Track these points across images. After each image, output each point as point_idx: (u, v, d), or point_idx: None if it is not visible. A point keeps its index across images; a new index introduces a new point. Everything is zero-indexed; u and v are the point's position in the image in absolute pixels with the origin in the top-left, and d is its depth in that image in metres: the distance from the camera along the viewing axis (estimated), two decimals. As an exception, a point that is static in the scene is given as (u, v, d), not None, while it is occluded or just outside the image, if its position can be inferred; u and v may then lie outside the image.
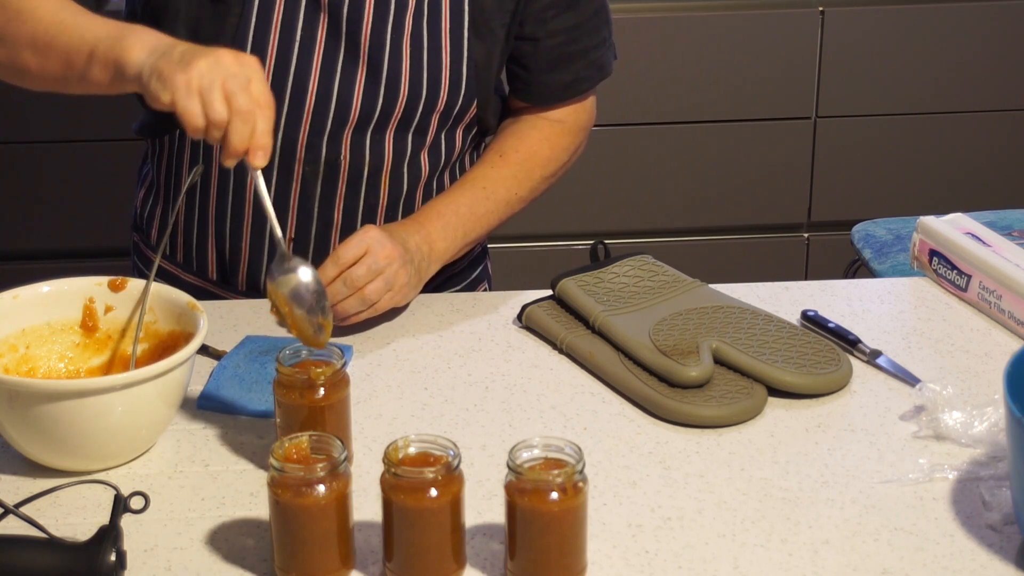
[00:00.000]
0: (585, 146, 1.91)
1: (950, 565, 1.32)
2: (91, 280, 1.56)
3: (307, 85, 1.71)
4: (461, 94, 1.76)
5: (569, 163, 1.89)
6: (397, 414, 1.56)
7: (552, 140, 1.85)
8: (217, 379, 1.59)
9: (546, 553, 1.26)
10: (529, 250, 3.15)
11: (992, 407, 1.50)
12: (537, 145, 1.84)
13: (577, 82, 1.83)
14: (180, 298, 1.52)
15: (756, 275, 2.66)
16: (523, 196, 1.83)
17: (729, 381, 1.57)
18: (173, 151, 1.80)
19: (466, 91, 1.76)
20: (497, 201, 1.80)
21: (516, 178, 1.82)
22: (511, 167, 1.81)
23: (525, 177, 1.82)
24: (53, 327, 1.54)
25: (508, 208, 1.82)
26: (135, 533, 1.35)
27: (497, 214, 1.81)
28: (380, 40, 1.71)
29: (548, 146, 1.84)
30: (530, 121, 1.85)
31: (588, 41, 1.81)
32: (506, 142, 1.83)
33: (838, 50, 3.05)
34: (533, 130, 1.84)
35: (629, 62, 3.03)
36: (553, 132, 1.85)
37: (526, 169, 1.82)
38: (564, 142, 1.86)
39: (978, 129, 3.16)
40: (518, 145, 1.83)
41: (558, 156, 1.86)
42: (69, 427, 1.39)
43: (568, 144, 1.87)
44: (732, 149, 3.12)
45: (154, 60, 1.42)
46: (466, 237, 1.78)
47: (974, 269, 1.76)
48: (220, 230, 1.80)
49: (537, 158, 1.83)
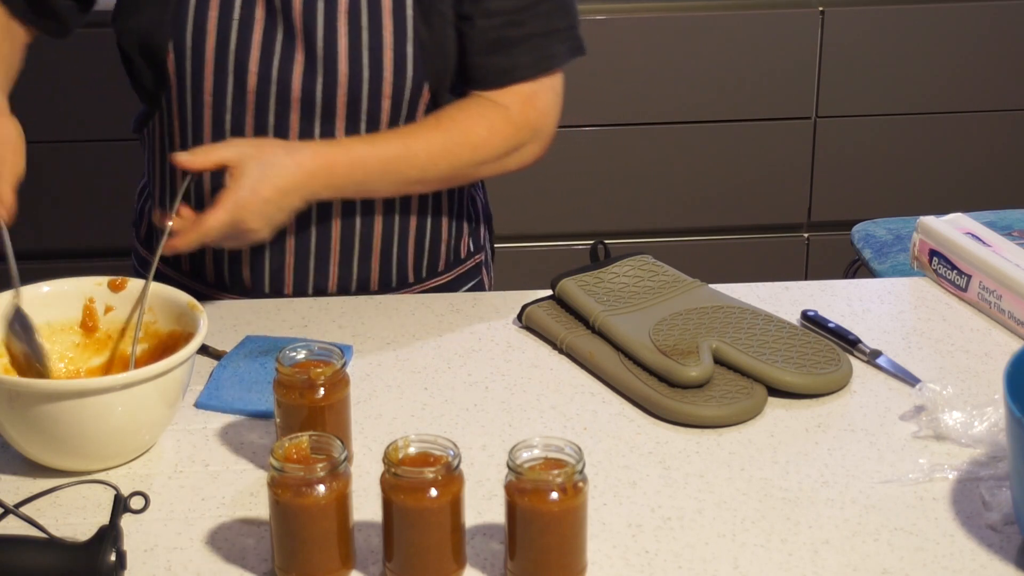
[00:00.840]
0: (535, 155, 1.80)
1: (950, 565, 1.32)
2: (91, 280, 1.56)
3: (247, 65, 1.71)
4: (408, 77, 1.72)
5: (509, 160, 1.78)
6: (397, 414, 1.56)
7: (491, 121, 1.76)
8: (217, 379, 1.60)
9: (546, 553, 1.26)
10: (529, 250, 3.16)
11: (992, 407, 1.50)
12: (475, 122, 1.75)
13: (516, 69, 1.75)
14: (180, 298, 1.52)
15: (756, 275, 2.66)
16: (443, 171, 1.74)
17: (729, 381, 1.57)
18: (160, 140, 1.81)
19: (413, 73, 1.72)
20: (413, 166, 1.72)
21: (444, 150, 1.73)
22: (442, 135, 1.73)
23: (453, 152, 1.73)
24: (53, 327, 1.54)
25: (422, 176, 1.73)
26: (135, 533, 1.35)
27: (408, 179, 1.73)
28: (312, 16, 1.69)
29: (486, 127, 1.75)
30: (476, 99, 1.77)
31: (534, 27, 1.74)
32: (446, 111, 1.76)
33: (838, 50, 3.05)
34: (475, 106, 1.76)
35: (629, 62, 3.03)
36: (496, 115, 1.76)
37: (456, 144, 1.73)
38: (505, 130, 1.76)
39: (978, 129, 3.16)
40: (456, 115, 1.75)
41: (494, 144, 1.76)
42: (69, 427, 1.39)
43: (508, 135, 1.76)
44: (732, 149, 3.12)
45: None
46: (364, 186, 1.72)
47: (974, 269, 1.76)
48: None
49: (471, 136, 1.75)
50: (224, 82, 1.72)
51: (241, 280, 1.82)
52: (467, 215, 1.90)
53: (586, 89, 3.01)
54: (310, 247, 1.80)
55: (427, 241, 1.85)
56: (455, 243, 1.88)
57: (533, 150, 1.80)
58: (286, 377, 1.40)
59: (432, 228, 1.85)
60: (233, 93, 1.72)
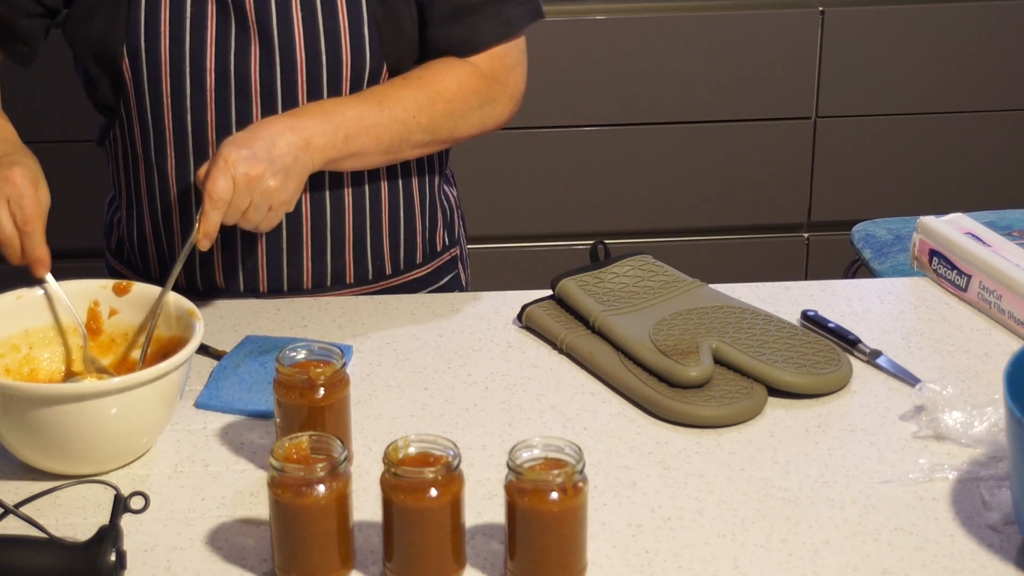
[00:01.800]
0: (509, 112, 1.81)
1: (950, 565, 1.32)
2: (96, 283, 1.56)
3: (204, 63, 1.70)
4: (367, 58, 1.71)
5: (484, 113, 1.78)
6: (397, 414, 1.56)
7: (460, 76, 1.75)
8: (217, 379, 1.60)
9: (546, 553, 1.26)
10: (529, 250, 3.16)
11: (992, 407, 1.50)
12: (443, 76, 1.75)
13: (475, 35, 1.75)
14: (183, 304, 1.52)
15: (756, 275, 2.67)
16: (422, 123, 1.72)
17: (729, 381, 1.57)
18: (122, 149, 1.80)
19: (371, 54, 1.72)
20: (392, 118, 1.71)
21: (416, 101, 1.72)
22: (412, 88, 1.73)
23: (426, 103, 1.73)
24: (58, 329, 1.54)
25: (403, 129, 1.71)
26: (135, 533, 1.35)
27: (389, 130, 1.70)
28: (265, 7, 1.69)
29: (455, 80, 1.75)
30: (442, 59, 1.77)
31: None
32: (413, 71, 1.76)
33: (838, 50, 3.05)
34: (443, 64, 1.76)
35: (629, 62, 3.04)
36: (463, 69, 1.76)
37: (429, 97, 1.73)
38: (475, 84, 1.76)
39: (978, 129, 3.16)
40: (423, 73, 1.75)
41: (466, 95, 1.75)
42: (65, 432, 1.38)
43: (480, 87, 1.76)
44: (732, 149, 3.12)
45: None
46: (348, 140, 1.68)
47: (974, 269, 1.76)
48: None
49: (443, 89, 1.73)
50: (182, 83, 1.71)
51: (214, 282, 1.81)
52: (440, 207, 1.90)
53: (586, 89, 3.01)
54: (282, 243, 1.79)
55: (401, 233, 1.84)
56: (430, 235, 1.88)
57: (505, 105, 1.80)
58: (286, 377, 1.40)
59: (405, 220, 1.84)
60: (192, 93, 1.71)
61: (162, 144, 1.75)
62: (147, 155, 1.76)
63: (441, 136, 1.76)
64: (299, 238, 1.79)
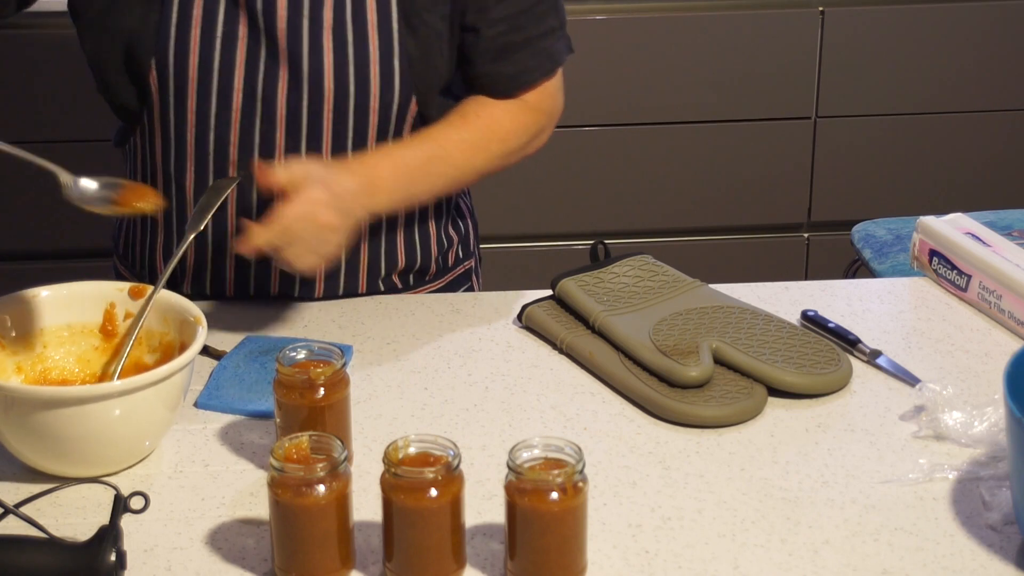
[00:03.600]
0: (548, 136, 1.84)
1: (950, 565, 1.32)
2: (113, 285, 1.56)
3: (232, 83, 1.69)
4: (396, 91, 1.71)
5: (530, 146, 1.82)
6: (397, 414, 1.56)
7: (514, 114, 1.79)
8: (217, 379, 1.60)
9: (546, 553, 1.26)
10: (529, 250, 3.15)
11: (992, 407, 1.50)
12: (500, 114, 1.78)
13: (523, 73, 1.77)
14: (185, 307, 1.51)
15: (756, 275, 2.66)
16: (478, 167, 1.76)
17: (729, 381, 1.57)
18: (141, 159, 1.79)
19: (401, 87, 1.71)
20: (451, 164, 1.74)
21: (474, 146, 1.75)
22: (471, 131, 1.75)
23: (483, 147, 1.76)
24: (73, 329, 1.54)
25: (460, 174, 1.75)
26: (135, 533, 1.35)
27: (448, 178, 1.75)
28: (297, 33, 1.68)
29: (510, 119, 1.78)
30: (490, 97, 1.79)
31: (533, 30, 1.76)
32: (469, 106, 1.77)
33: (838, 50, 3.05)
34: (497, 101, 1.78)
35: (629, 62, 3.03)
36: (515, 107, 1.79)
37: (485, 138, 1.76)
38: (526, 119, 1.80)
39: (978, 129, 3.16)
40: (480, 111, 1.77)
41: (519, 132, 1.79)
42: (67, 434, 1.38)
43: (530, 123, 1.80)
44: (732, 149, 3.12)
45: None
46: (410, 191, 1.71)
47: (974, 269, 1.76)
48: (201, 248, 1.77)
49: (497, 129, 1.77)
50: (208, 100, 1.70)
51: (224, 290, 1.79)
52: (455, 225, 1.89)
53: (586, 89, 3.00)
54: None
55: (417, 255, 1.84)
56: (444, 252, 1.88)
57: (550, 131, 1.85)
58: (286, 377, 1.40)
59: (421, 243, 1.84)
60: (217, 112, 1.70)
61: (182, 159, 1.74)
62: (166, 168, 1.76)
63: (493, 172, 1.80)
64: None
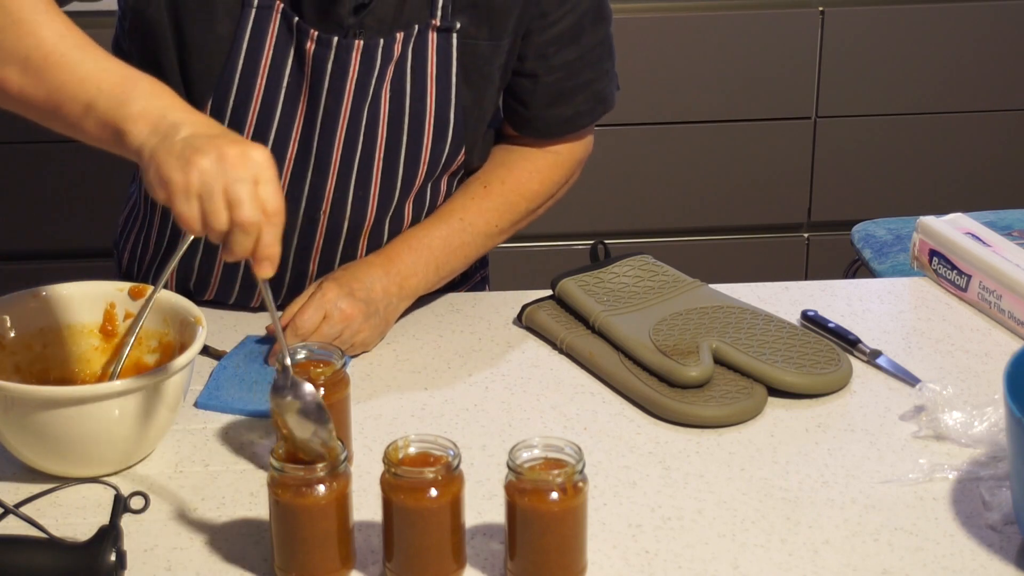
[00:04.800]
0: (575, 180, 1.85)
1: (950, 565, 1.32)
2: (113, 285, 1.55)
3: (290, 136, 1.66)
4: (448, 142, 1.70)
5: (558, 196, 1.83)
6: (397, 414, 1.56)
7: (543, 173, 1.79)
8: (217, 379, 1.60)
9: (546, 553, 1.26)
10: (529, 250, 3.15)
11: (992, 407, 1.50)
12: (526, 178, 1.78)
13: (577, 116, 1.78)
14: (186, 308, 1.51)
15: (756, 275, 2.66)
16: (504, 228, 1.77)
17: (729, 381, 1.57)
18: None
19: (453, 138, 1.70)
20: (475, 233, 1.74)
21: (498, 210, 1.76)
22: (494, 199, 1.75)
23: (508, 209, 1.76)
24: (73, 329, 1.54)
25: (487, 240, 1.76)
26: (135, 533, 1.35)
27: (475, 246, 1.75)
28: (364, 93, 1.65)
29: (538, 180, 1.79)
30: (522, 152, 1.79)
31: (589, 74, 1.76)
32: (493, 173, 1.77)
33: (838, 50, 3.05)
34: (524, 161, 1.79)
35: (630, 62, 3.03)
36: (546, 164, 1.79)
37: (510, 201, 1.76)
38: (556, 176, 1.80)
39: (978, 129, 3.16)
40: (505, 176, 1.77)
41: (547, 190, 1.80)
42: (67, 434, 1.38)
43: (559, 178, 1.81)
44: (732, 149, 3.12)
45: (155, 143, 1.27)
46: (439, 271, 1.72)
47: (974, 269, 1.76)
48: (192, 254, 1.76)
49: (524, 191, 1.78)
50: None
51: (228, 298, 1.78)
52: None
53: (586, 89, 3.00)
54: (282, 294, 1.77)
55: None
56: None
57: (578, 175, 1.86)
58: (286, 377, 1.40)
59: None
60: None
61: None
62: None
63: (522, 226, 1.81)
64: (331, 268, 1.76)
